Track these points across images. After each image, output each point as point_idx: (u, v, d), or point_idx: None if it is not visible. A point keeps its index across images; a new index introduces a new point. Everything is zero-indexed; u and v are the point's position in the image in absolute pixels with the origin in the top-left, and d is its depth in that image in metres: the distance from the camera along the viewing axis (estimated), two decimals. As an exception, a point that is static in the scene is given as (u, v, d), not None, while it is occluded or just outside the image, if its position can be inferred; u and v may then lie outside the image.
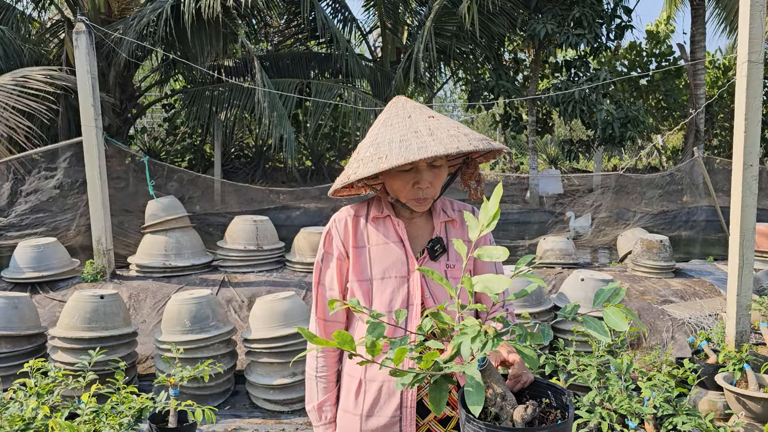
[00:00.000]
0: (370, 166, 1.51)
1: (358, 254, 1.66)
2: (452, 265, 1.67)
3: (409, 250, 1.65)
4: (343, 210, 1.72)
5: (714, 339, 4.17)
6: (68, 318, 4.15)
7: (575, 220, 7.90)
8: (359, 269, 1.65)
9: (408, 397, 1.61)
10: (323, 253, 1.70)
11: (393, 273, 1.63)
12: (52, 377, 3.12)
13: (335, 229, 1.69)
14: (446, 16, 9.16)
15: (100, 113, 5.90)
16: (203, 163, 11.01)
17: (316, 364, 1.71)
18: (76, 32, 5.61)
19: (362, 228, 1.68)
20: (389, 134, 1.55)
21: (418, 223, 1.72)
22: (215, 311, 4.33)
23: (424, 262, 1.66)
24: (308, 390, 1.73)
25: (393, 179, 1.61)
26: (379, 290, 1.63)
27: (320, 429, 1.71)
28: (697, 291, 5.73)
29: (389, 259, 1.64)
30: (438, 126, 1.54)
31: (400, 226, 1.67)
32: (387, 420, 1.62)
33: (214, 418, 3.03)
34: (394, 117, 1.60)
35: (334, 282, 1.69)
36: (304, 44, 11.24)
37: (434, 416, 1.64)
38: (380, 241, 1.66)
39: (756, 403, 3.31)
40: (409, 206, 1.64)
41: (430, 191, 1.61)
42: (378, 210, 1.70)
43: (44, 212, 6.67)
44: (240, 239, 6.22)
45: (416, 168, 1.58)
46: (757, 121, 3.88)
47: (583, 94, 9.16)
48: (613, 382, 3.22)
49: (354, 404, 1.65)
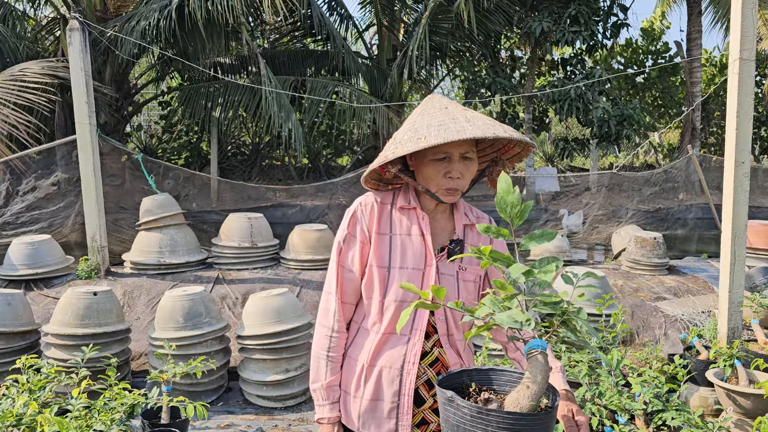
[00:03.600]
0: (410, 145, 1.54)
1: (380, 240, 1.69)
2: (464, 268, 1.72)
3: (429, 244, 1.68)
4: (369, 195, 1.75)
5: (706, 335, 4.19)
6: (61, 315, 4.15)
7: (568, 218, 7.92)
8: (380, 255, 1.68)
9: (407, 385, 1.65)
10: (346, 234, 1.71)
11: (411, 264, 1.67)
12: (45, 374, 3.13)
13: (361, 212, 1.71)
14: (442, 14, 9.14)
15: (95, 111, 5.90)
16: (200, 161, 11.00)
17: (329, 344, 1.72)
18: (69, 29, 5.61)
19: (387, 215, 1.71)
20: (427, 120, 1.59)
21: (440, 220, 1.76)
22: (209, 308, 4.34)
23: (440, 259, 1.69)
24: (315, 369, 1.74)
25: (425, 167, 1.64)
26: (395, 279, 1.66)
27: (327, 408, 1.72)
28: (690, 288, 5.75)
29: (409, 250, 1.68)
30: (474, 116, 1.59)
31: (424, 219, 1.70)
32: (385, 405, 1.66)
33: (206, 414, 3.04)
34: (431, 108, 1.65)
35: (356, 264, 1.70)
36: (301, 42, 11.22)
37: (429, 406, 1.69)
38: (403, 231, 1.70)
39: (746, 399, 3.33)
40: (438, 197, 1.67)
41: (461, 182, 1.65)
42: (405, 201, 1.73)
43: (40, 210, 6.67)
44: (234, 236, 6.23)
45: (449, 158, 1.62)
46: (748, 119, 3.89)
47: (579, 91, 9.16)
48: (603, 378, 3.24)
49: (355, 388, 1.69)
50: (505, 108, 11.40)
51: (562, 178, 10.48)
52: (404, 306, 1.65)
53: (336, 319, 1.71)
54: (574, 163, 14.32)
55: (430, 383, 1.69)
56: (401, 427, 1.65)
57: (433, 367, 1.69)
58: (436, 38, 9.51)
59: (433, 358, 1.69)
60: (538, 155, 15.25)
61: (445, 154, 1.62)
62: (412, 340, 1.66)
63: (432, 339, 1.70)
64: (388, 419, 1.66)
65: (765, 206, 9.56)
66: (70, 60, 5.75)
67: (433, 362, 1.69)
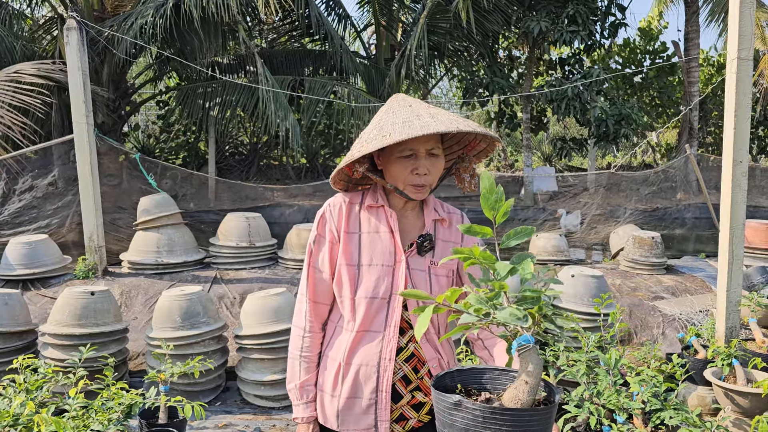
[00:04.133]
0: (374, 143, 1.57)
1: (349, 239, 1.71)
2: (436, 263, 1.73)
3: (398, 241, 1.70)
4: (338, 196, 1.77)
5: (704, 335, 4.19)
6: (59, 314, 4.14)
7: (566, 217, 7.92)
8: (348, 254, 1.70)
9: (384, 382, 1.67)
10: (316, 236, 1.75)
11: (380, 261, 1.68)
12: (42, 373, 3.12)
13: (329, 213, 1.73)
14: (440, 14, 9.14)
15: (92, 110, 5.89)
16: (197, 161, 10.98)
17: (302, 344, 1.75)
18: (66, 28, 5.60)
19: (355, 215, 1.73)
20: (392, 118, 1.62)
21: (409, 217, 1.77)
22: (206, 308, 4.33)
23: (410, 255, 1.71)
24: (290, 369, 1.78)
25: (392, 165, 1.66)
26: (365, 276, 1.68)
27: (301, 408, 1.75)
28: (688, 287, 5.75)
29: (378, 247, 1.69)
30: (438, 112, 1.62)
31: (392, 217, 1.71)
32: (363, 402, 1.68)
33: (204, 413, 3.03)
34: (396, 106, 1.67)
35: (326, 264, 1.73)
36: (299, 41, 11.20)
37: (407, 402, 1.71)
38: (372, 229, 1.71)
39: (744, 398, 3.33)
40: (407, 194, 1.68)
41: (428, 178, 1.66)
42: (373, 199, 1.74)
43: (37, 209, 6.65)
44: (232, 236, 6.22)
45: (416, 154, 1.64)
46: (746, 118, 3.89)
47: (577, 91, 9.16)
48: (602, 378, 3.24)
49: (333, 386, 1.71)
50: (503, 108, 11.40)
51: (560, 177, 10.48)
52: (375, 302, 1.67)
53: (308, 320, 1.74)
54: (572, 163, 14.32)
55: (407, 379, 1.71)
56: (380, 423, 1.67)
57: (409, 362, 1.71)
58: (434, 38, 9.51)
59: (409, 354, 1.71)
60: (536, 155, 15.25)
61: (411, 150, 1.63)
62: (387, 337, 1.67)
63: (407, 335, 1.71)
64: (366, 416, 1.68)
65: (763, 206, 9.57)
66: (67, 59, 5.73)
67: (409, 358, 1.71)
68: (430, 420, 1.74)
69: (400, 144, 1.61)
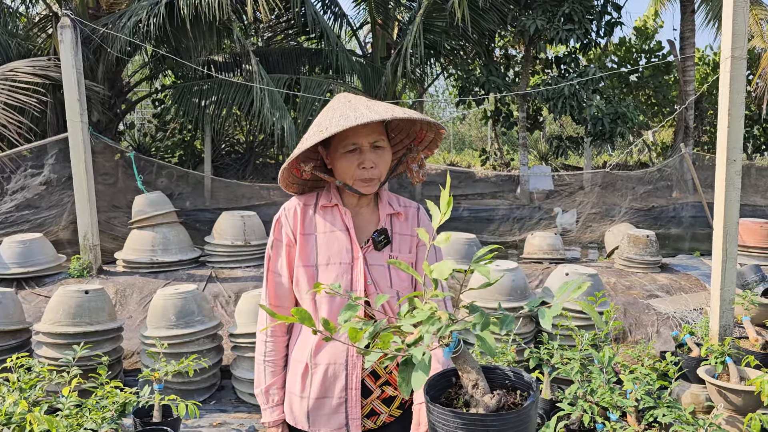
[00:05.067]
0: (312, 138, 1.58)
1: (305, 241, 1.71)
2: (395, 256, 1.73)
3: (354, 238, 1.70)
4: (292, 199, 1.78)
5: (698, 333, 4.20)
6: (53, 313, 4.13)
7: (561, 216, 7.94)
8: (305, 255, 1.70)
9: (353, 379, 1.67)
10: (273, 240, 1.75)
11: (337, 260, 1.69)
12: (36, 372, 3.11)
13: (285, 217, 1.74)
14: (436, 12, 9.15)
15: (86, 108, 5.87)
16: (193, 160, 10.95)
17: (265, 348, 1.77)
18: (61, 26, 5.58)
19: (311, 216, 1.74)
20: (330, 114, 1.63)
21: (364, 213, 1.77)
22: (201, 306, 4.33)
23: (368, 251, 1.71)
24: (257, 374, 1.79)
25: (338, 161, 1.67)
26: (323, 276, 1.68)
27: (267, 412, 1.77)
28: (682, 286, 5.77)
29: (334, 246, 1.70)
30: (376, 103, 1.63)
31: (347, 215, 1.72)
32: (333, 401, 1.68)
33: (198, 412, 3.02)
34: (336, 104, 1.67)
35: (284, 268, 1.73)
36: (295, 40, 11.19)
37: (377, 396, 1.71)
38: (327, 228, 1.72)
39: (737, 396, 3.34)
40: (356, 189, 1.69)
41: (375, 171, 1.66)
42: (327, 199, 1.75)
43: (31, 208, 6.63)
44: (227, 235, 6.21)
45: (360, 148, 1.64)
46: (740, 117, 3.90)
47: (573, 89, 9.18)
48: (595, 375, 3.24)
49: (301, 387, 1.71)
50: (499, 106, 11.42)
51: (556, 176, 10.49)
52: (335, 300, 1.66)
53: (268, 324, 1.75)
54: (568, 162, 14.34)
55: (376, 374, 1.71)
56: (351, 420, 1.67)
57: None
58: (431, 36, 9.50)
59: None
60: (532, 154, 15.25)
61: (355, 144, 1.64)
62: None
63: None
64: (336, 415, 1.68)
65: (758, 205, 9.61)
66: (61, 57, 5.72)
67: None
68: (401, 414, 1.75)
69: (343, 139, 1.62)
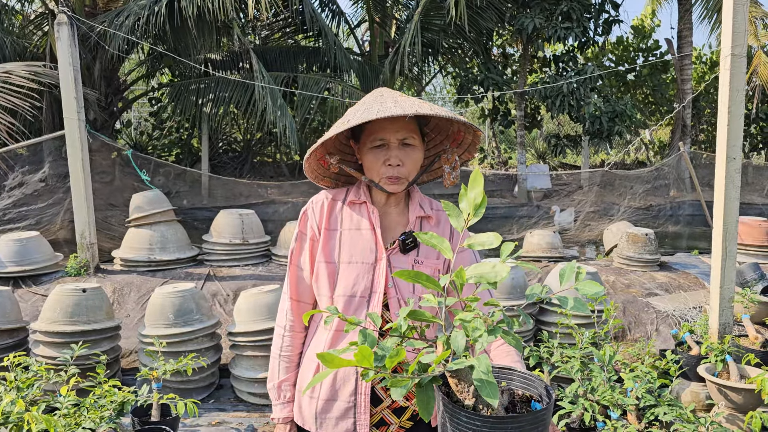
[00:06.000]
0: (334, 129, 1.55)
1: (329, 236, 1.66)
2: (421, 261, 1.65)
3: (379, 238, 1.64)
4: (321, 192, 1.73)
5: (697, 331, 4.20)
6: (50, 312, 4.10)
7: (559, 215, 7.94)
8: (328, 251, 1.65)
9: (362, 384, 1.60)
10: (298, 233, 1.71)
11: (360, 258, 1.63)
12: (33, 371, 3.09)
13: (311, 210, 1.69)
14: (434, 10, 9.14)
15: (83, 106, 5.84)
16: (191, 158, 10.92)
17: (282, 343, 1.71)
18: (57, 23, 5.55)
19: (337, 211, 1.68)
20: (358, 107, 1.59)
21: (393, 213, 1.71)
22: (199, 305, 4.31)
23: (393, 253, 1.65)
24: (271, 368, 1.74)
25: (366, 156, 1.62)
26: (344, 274, 1.62)
27: (278, 408, 1.72)
28: (681, 284, 5.77)
29: (359, 244, 1.64)
30: (405, 99, 1.56)
31: (374, 213, 1.66)
32: (342, 405, 1.62)
33: (197, 411, 3.00)
34: (368, 97, 1.63)
35: (306, 262, 1.69)
36: (292, 38, 11.16)
37: (387, 405, 1.64)
38: (353, 226, 1.66)
39: (737, 394, 3.34)
40: (383, 187, 1.63)
41: (402, 170, 1.61)
42: (356, 196, 1.69)
43: (28, 206, 6.60)
44: (226, 233, 6.19)
45: (387, 145, 1.59)
46: (740, 115, 3.89)
47: (571, 88, 9.18)
48: (596, 374, 3.24)
49: (311, 388, 1.65)
50: (497, 105, 11.41)
51: (554, 175, 10.49)
52: (353, 301, 1.60)
53: (288, 319, 1.70)
54: (566, 161, 14.35)
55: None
56: (359, 426, 1.60)
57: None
58: (428, 35, 9.49)
59: None
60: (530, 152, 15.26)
61: (382, 140, 1.59)
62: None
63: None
64: (344, 419, 1.61)
65: (755, 203, 9.63)
66: (58, 55, 5.68)
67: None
68: (411, 426, 1.67)
69: (371, 134, 1.58)
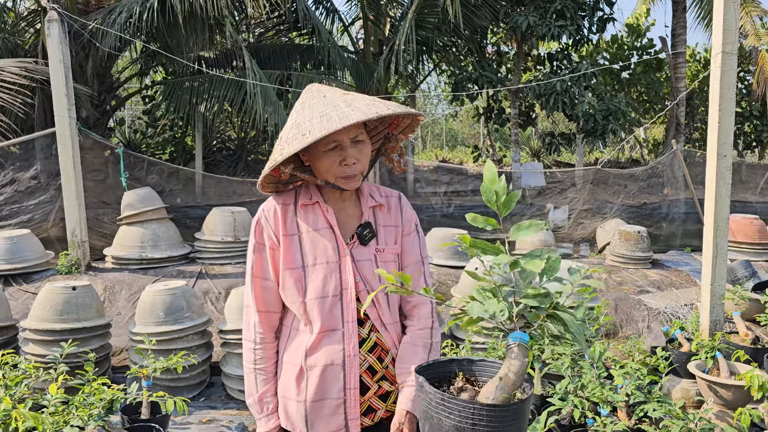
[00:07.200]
0: (295, 144, 1.52)
1: (290, 242, 1.66)
2: (381, 249, 1.70)
3: (339, 235, 1.66)
4: (270, 200, 1.71)
5: (688, 328, 4.21)
6: (40, 310, 4.08)
7: (553, 212, 7.95)
8: (290, 257, 1.65)
9: (351, 379, 1.63)
10: (255, 244, 1.69)
11: (324, 259, 1.64)
12: (22, 369, 3.07)
13: (264, 219, 1.68)
14: (428, 8, 9.13)
15: (74, 103, 5.81)
16: (184, 156, 10.89)
17: (254, 357, 1.70)
18: (48, 20, 5.52)
19: (291, 216, 1.68)
20: (308, 113, 1.56)
21: (347, 208, 1.73)
22: (190, 302, 4.29)
23: (354, 247, 1.67)
24: (247, 383, 1.72)
25: (319, 160, 1.61)
26: (312, 276, 1.64)
27: (263, 421, 1.71)
28: (673, 281, 5.78)
29: (320, 245, 1.65)
30: (354, 98, 1.57)
31: (329, 212, 1.67)
32: (332, 402, 1.64)
33: (186, 409, 3.00)
34: (310, 99, 1.61)
35: (269, 272, 1.68)
36: (286, 36, 11.14)
37: (374, 392, 1.68)
38: (310, 228, 1.67)
39: (727, 390, 3.34)
40: (339, 185, 1.64)
41: (358, 167, 1.62)
42: (306, 197, 1.69)
43: (19, 204, 6.57)
44: (218, 231, 6.17)
45: (340, 145, 1.59)
46: (730, 112, 3.90)
47: (565, 86, 9.19)
48: (586, 371, 3.24)
49: (297, 391, 1.66)
50: (492, 103, 11.41)
51: (548, 173, 10.50)
52: (326, 301, 1.62)
53: (257, 332, 1.69)
54: (560, 158, 14.37)
55: (373, 369, 1.67)
56: (350, 420, 1.64)
57: (373, 352, 1.67)
58: (423, 33, 9.48)
59: (372, 344, 1.67)
60: (524, 150, 15.26)
61: (336, 142, 1.58)
62: (347, 333, 1.63)
63: (367, 325, 1.67)
64: (335, 416, 1.64)
65: (749, 201, 9.65)
66: (48, 51, 5.65)
67: (372, 348, 1.67)
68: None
69: (323, 138, 1.56)
